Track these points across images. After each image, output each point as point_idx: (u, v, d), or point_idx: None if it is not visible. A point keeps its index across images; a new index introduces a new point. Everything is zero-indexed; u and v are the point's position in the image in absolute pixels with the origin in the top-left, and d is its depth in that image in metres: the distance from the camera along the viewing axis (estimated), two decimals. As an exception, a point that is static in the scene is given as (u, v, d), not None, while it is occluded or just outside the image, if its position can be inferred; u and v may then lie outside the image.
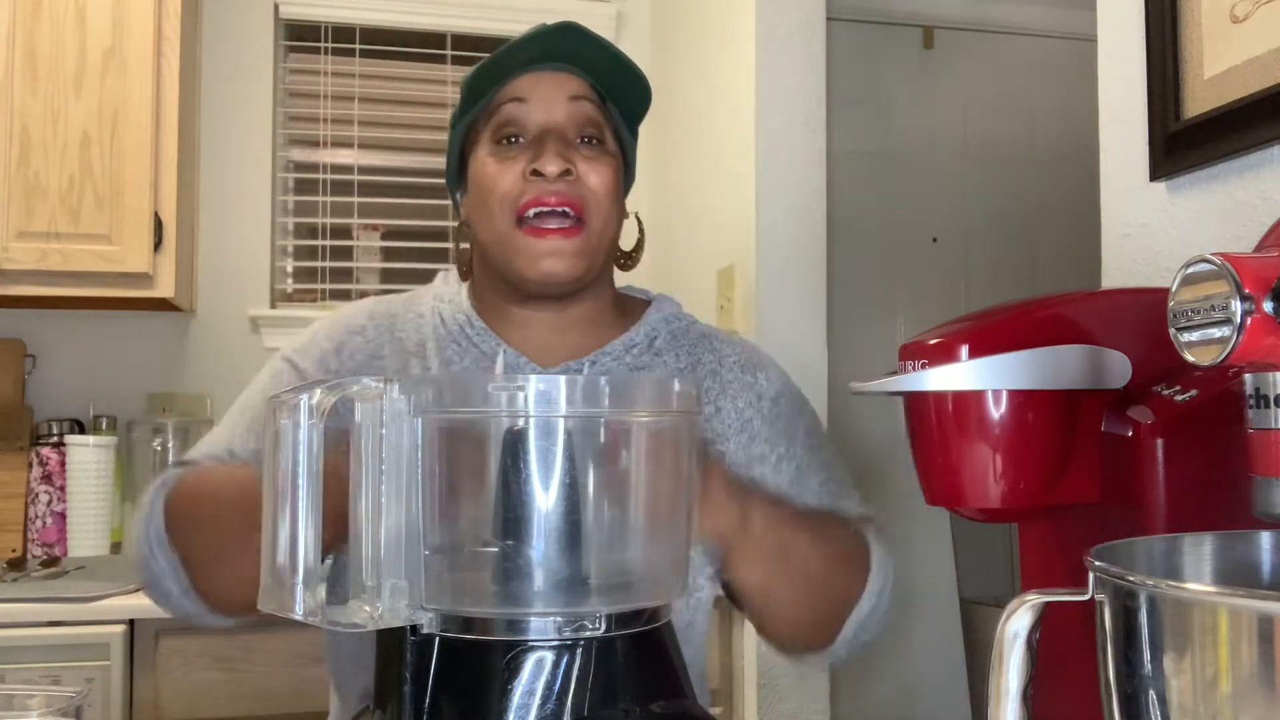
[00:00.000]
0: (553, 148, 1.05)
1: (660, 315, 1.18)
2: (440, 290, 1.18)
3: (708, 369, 1.16)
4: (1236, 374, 0.63)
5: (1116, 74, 1.19)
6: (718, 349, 1.19)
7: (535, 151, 1.05)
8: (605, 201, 1.07)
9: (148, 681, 1.99)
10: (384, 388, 0.66)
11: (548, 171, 1.04)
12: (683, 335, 1.18)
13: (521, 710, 0.65)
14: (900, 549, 2.55)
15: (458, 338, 1.12)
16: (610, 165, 1.08)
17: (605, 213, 1.07)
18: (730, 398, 1.15)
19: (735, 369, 1.17)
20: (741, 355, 1.19)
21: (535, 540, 0.67)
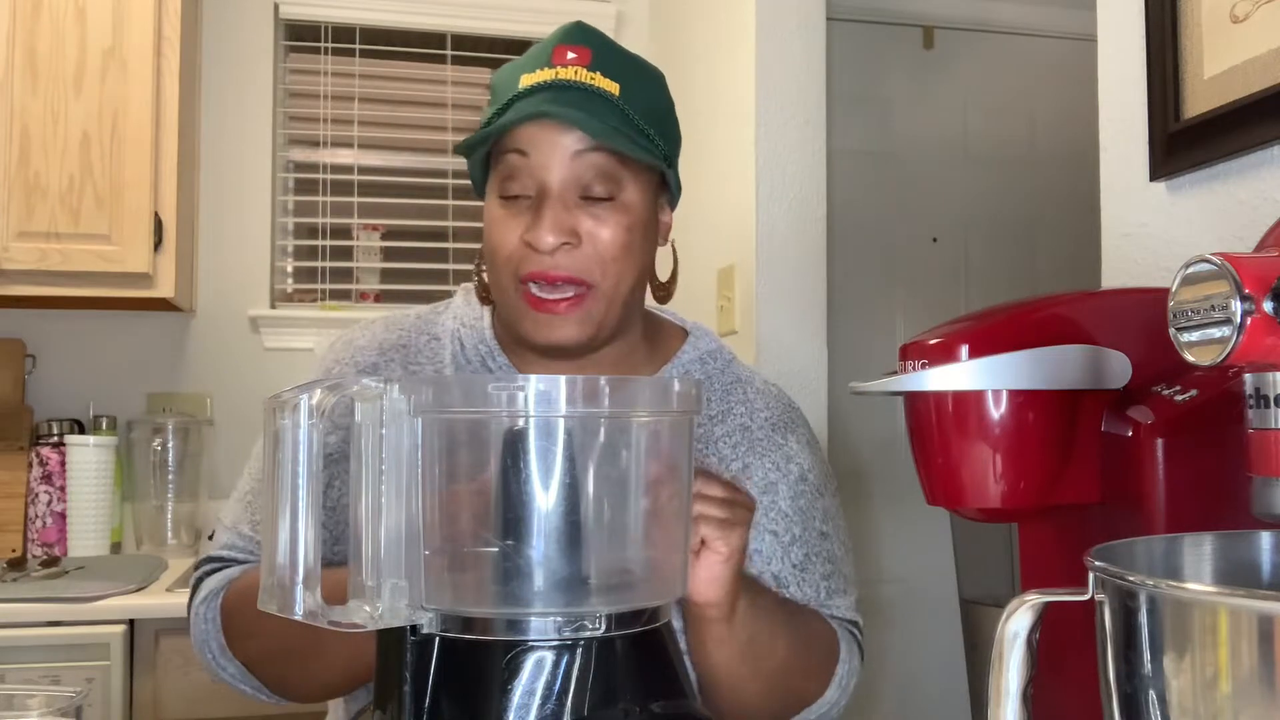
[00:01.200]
0: (548, 217, 0.97)
1: (695, 355, 1.14)
2: (462, 312, 1.13)
3: (738, 422, 1.12)
4: (1236, 374, 0.63)
5: (1116, 74, 1.19)
6: (751, 401, 1.14)
7: (532, 219, 0.99)
8: (616, 261, 1.00)
9: (148, 681, 1.99)
10: (384, 388, 0.66)
11: (541, 245, 0.97)
12: (717, 378, 1.14)
13: (521, 710, 0.65)
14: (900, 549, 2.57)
15: (478, 369, 1.08)
16: (622, 221, 1.00)
17: (617, 272, 1.01)
18: (758, 456, 1.11)
19: (767, 428, 1.13)
20: (774, 413, 1.14)
21: (535, 540, 0.67)
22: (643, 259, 1.05)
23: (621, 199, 1.01)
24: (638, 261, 1.04)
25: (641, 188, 1.03)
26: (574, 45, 1.01)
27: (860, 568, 1.26)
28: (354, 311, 2.79)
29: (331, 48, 2.87)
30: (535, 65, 1.01)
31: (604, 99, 0.99)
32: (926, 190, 2.80)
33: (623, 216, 1.01)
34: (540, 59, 1.02)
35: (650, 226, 1.06)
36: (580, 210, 1.00)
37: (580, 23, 1.05)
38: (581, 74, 1.00)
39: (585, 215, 0.99)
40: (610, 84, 1.00)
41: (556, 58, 1.01)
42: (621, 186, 1.01)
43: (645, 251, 1.05)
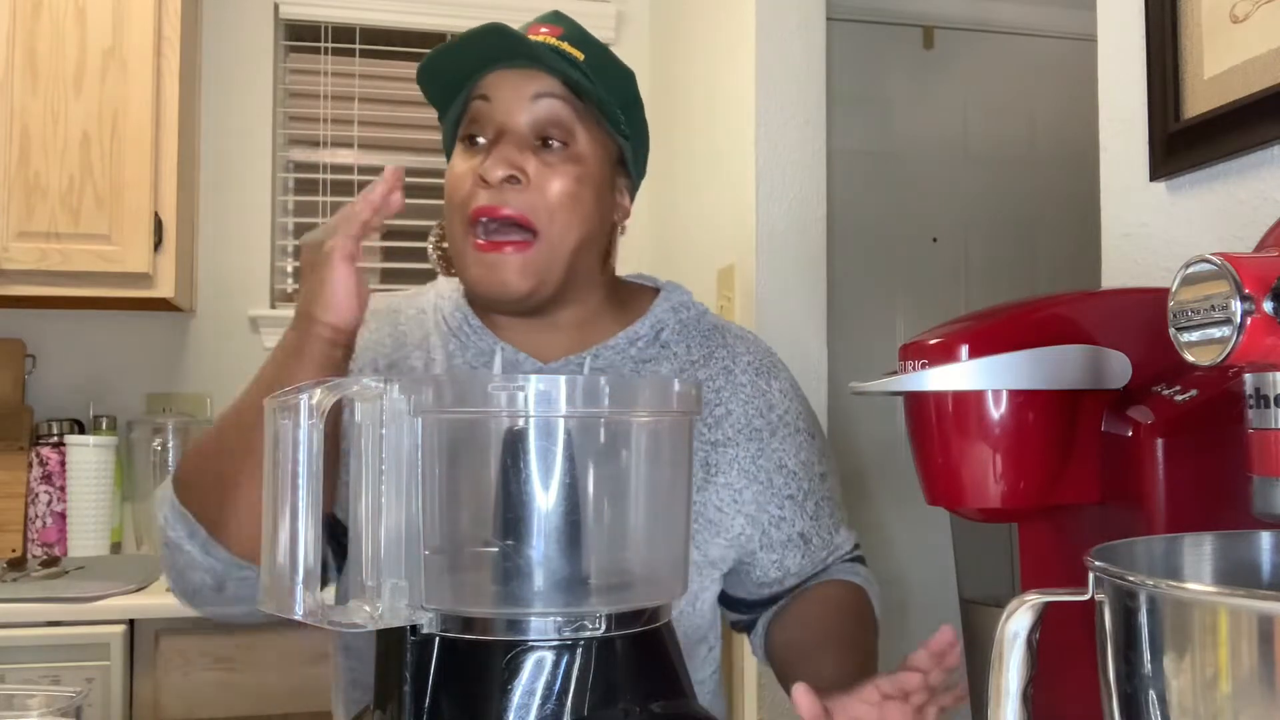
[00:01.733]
0: (500, 152, 1.01)
1: (668, 305, 1.16)
2: (441, 286, 1.17)
3: (720, 365, 1.15)
4: (1236, 374, 0.63)
5: (1116, 74, 1.19)
6: (731, 345, 1.17)
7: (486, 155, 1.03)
8: (562, 209, 1.03)
9: (148, 681, 1.99)
10: (384, 388, 0.66)
11: (491, 176, 1.00)
12: (693, 326, 1.16)
13: (521, 710, 0.65)
14: (900, 549, 2.56)
15: (457, 333, 1.11)
16: (573, 171, 1.04)
17: (563, 221, 1.03)
18: (741, 402, 1.14)
19: (749, 371, 1.16)
20: (756, 358, 1.18)
21: (535, 540, 0.67)
22: (593, 220, 1.07)
23: (574, 149, 1.05)
24: (586, 218, 1.06)
25: (596, 148, 1.07)
26: (547, 23, 1.08)
27: (862, 568, 1.27)
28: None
29: (331, 48, 2.87)
30: None
31: (568, 58, 1.04)
32: (926, 190, 2.80)
33: (573, 166, 1.04)
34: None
35: (603, 190, 1.08)
36: (532, 153, 1.03)
37: (557, 10, 1.11)
38: (549, 40, 1.05)
39: (536, 158, 1.03)
40: (576, 51, 1.05)
41: (533, 31, 1.07)
42: (575, 138, 1.05)
43: (595, 214, 1.07)
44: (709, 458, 1.11)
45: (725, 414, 1.13)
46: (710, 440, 1.11)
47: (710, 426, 1.12)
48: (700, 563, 1.11)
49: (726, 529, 1.11)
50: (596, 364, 1.09)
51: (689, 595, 1.11)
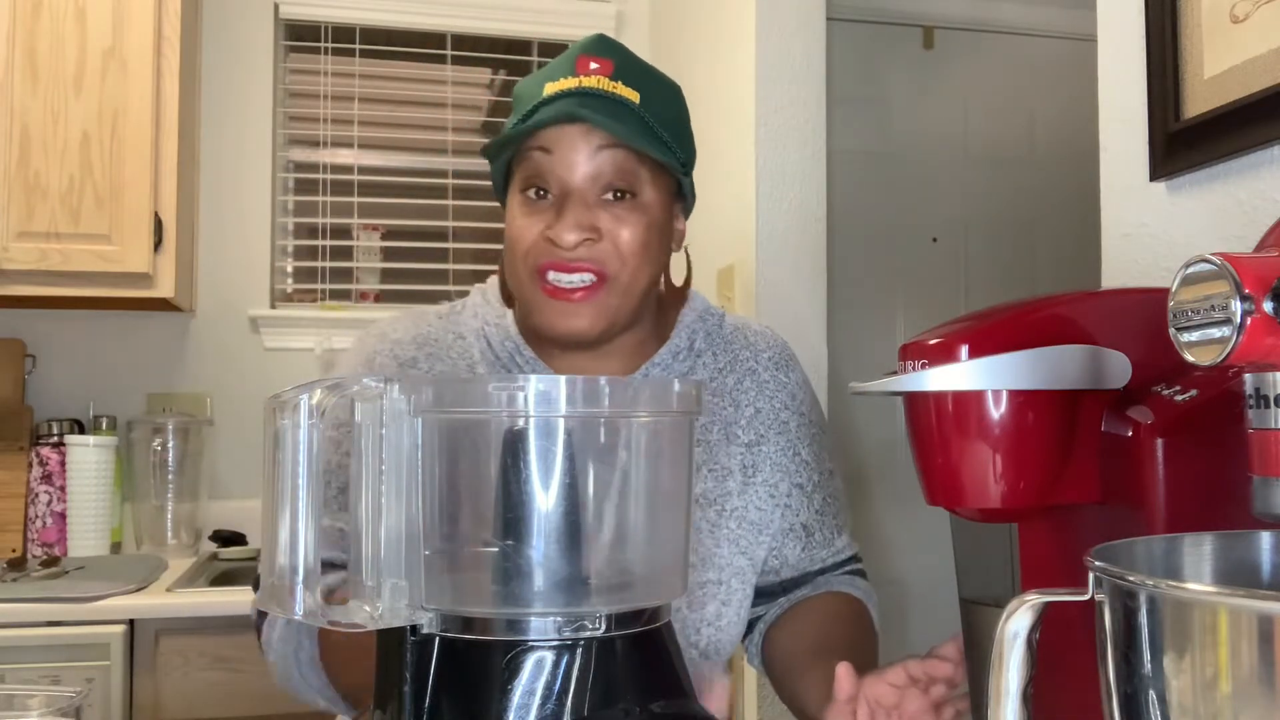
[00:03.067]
0: (570, 215, 1.01)
1: (694, 315, 1.18)
2: (483, 311, 1.15)
3: (746, 368, 1.18)
4: (1236, 374, 0.63)
5: (1116, 74, 1.19)
6: (753, 344, 1.20)
7: (554, 215, 1.02)
8: (634, 257, 1.04)
9: (148, 681, 1.99)
10: (384, 388, 0.66)
11: (564, 242, 1.01)
12: (717, 332, 1.19)
13: (521, 710, 0.65)
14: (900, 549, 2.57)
15: (507, 364, 1.11)
16: (640, 220, 1.04)
17: (633, 269, 1.04)
18: (768, 398, 1.17)
19: (771, 367, 1.19)
20: (775, 352, 1.21)
21: (535, 540, 0.67)
22: (659, 260, 1.09)
23: (640, 199, 1.05)
24: (654, 261, 1.07)
25: (658, 191, 1.07)
26: (596, 56, 1.05)
27: (860, 568, 1.27)
28: (354, 311, 2.79)
29: (331, 48, 2.87)
30: (560, 74, 1.05)
31: (625, 106, 1.03)
32: (926, 190, 2.80)
33: (641, 216, 1.04)
34: (564, 68, 1.05)
35: (666, 230, 1.09)
36: (600, 208, 1.03)
37: (602, 35, 1.09)
38: (604, 82, 1.03)
39: (605, 213, 1.03)
40: (631, 93, 1.04)
41: (580, 67, 1.04)
42: (640, 187, 1.04)
43: (661, 253, 1.09)
44: (745, 460, 1.14)
45: (755, 413, 1.16)
46: (745, 442, 1.14)
47: (744, 429, 1.15)
48: (746, 569, 1.12)
49: (768, 526, 1.14)
50: None
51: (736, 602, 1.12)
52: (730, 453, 1.14)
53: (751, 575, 1.14)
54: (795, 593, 1.18)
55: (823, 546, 1.18)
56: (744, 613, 1.14)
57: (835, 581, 1.20)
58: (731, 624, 1.12)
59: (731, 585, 1.11)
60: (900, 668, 0.89)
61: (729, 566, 1.11)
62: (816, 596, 1.17)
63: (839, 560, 1.21)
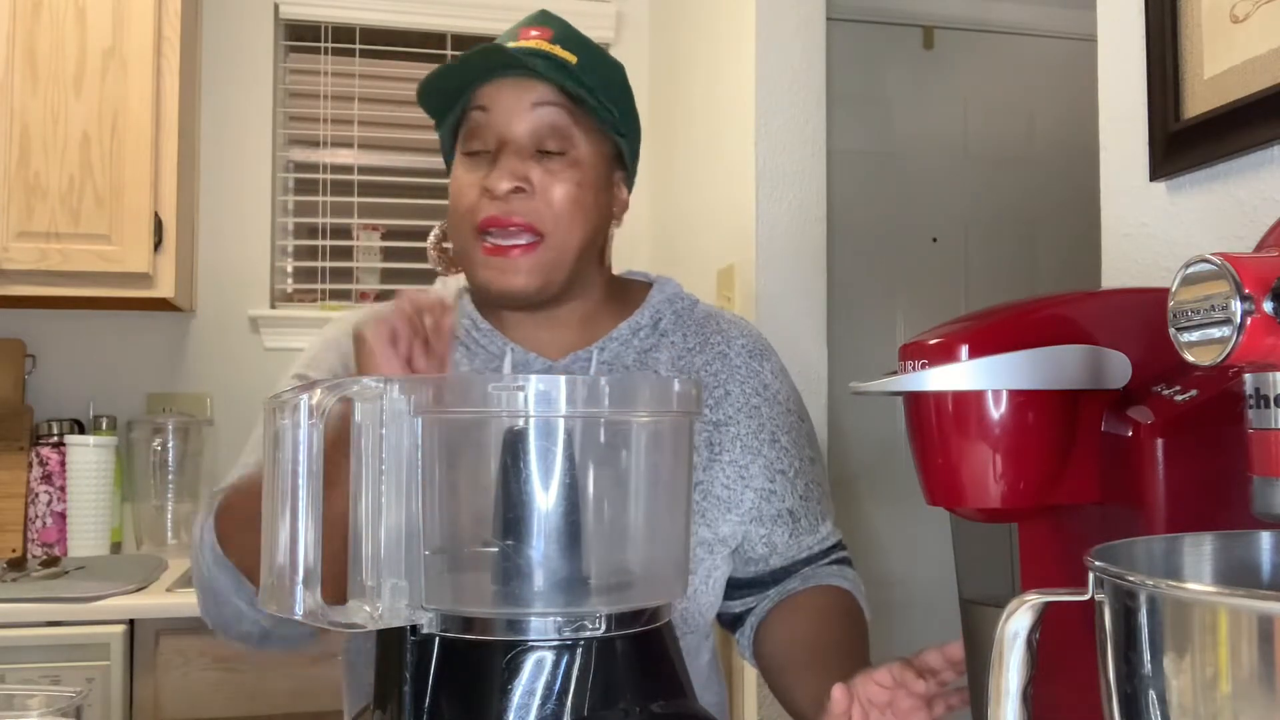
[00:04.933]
0: (504, 164, 1.05)
1: (663, 296, 1.20)
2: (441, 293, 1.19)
3: (716, 350, 1.18)
4: (1236, 374, 0.63)
5: (1116, 74, 1.19)
6: (725, 330, 1.21)
7: (489, 167, 1.06)
8: (566, 214, 1.06)
9: (148, 681, 1.99)
10: (384, 388, 0.66)
11: (497, 189, 1.04)
12: (687, 315, 1.20)
13: (521, 710, 0.65)
14: (900, 549, 2.57)
15: (465, 341, 1.14)
16: (574, 176, 1.07)
17: (567, 224, 1.07)
18: (739, 382, 1.18)
19: (744, 354, 1.20)
20: (749, 341, 1.22)
21: (535, 540, 0.67)
22: (594, 219, 1.10)
23: (573, 154, 1.08)
24: (588, 219, 1.09)
25: (594, 150, 1.10)
26: (537, 25, 1.10)
27: (859, 568, 1.27)
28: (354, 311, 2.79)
29: (331, 48, 2.87)
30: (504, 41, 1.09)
31: (560, 63, 1.07)
32: (926, 190, 2.80)
33: (574, 172, 1.07)
34: (508, 37, 1.10)
35: (602, 190, 1.12)
36: (534, 161, 1.06)
37: (545, 10, 1.14)
38: (542, 45, 1.07)
39: (538, 166, 1.06)
40: (568, 55, 1.08)
41: (523, 35, 1.09)
42: (574, 143, 1.08)
43: (596, 213, 1.11)
44: (712, 438, 1.14)
45: (724, 394, 1.16)
46: (713, 421, 1.15)
47: (711, 408, 1.15)
48: (711, 540, 1.14)
49: (737, 505, 1.14)
50: (603, 356, 1.13)
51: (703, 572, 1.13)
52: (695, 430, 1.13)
53: (720, 549, 1.14)
54: (784, 584, 1.19)
55: (809, 533, 1.19)
56: (714, 584, 1.14)
57: (823, 574, 1.20)
58: (700, 593, 1.13)
59: (697, 554, 1.12)
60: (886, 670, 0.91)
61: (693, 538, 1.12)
62: (805, 592, 1.18)
63: (825, 548, 1.22)
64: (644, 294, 1.20)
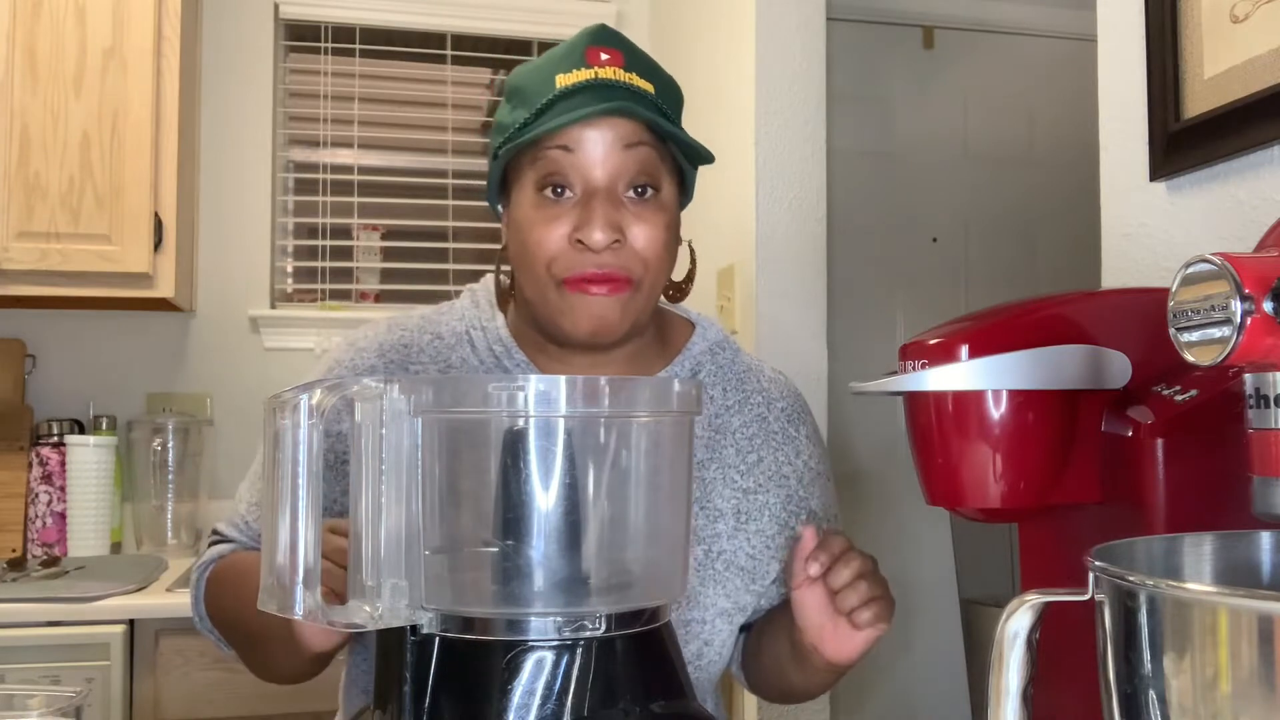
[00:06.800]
0: (600, 214, 0.96)
1: (705, 346, 1.14)
2: (470, 314, 1.12)
3: (755, 413, 1.14)
4: (1236, 374, 0.63)
5: (1116, 74, 1.19)
6: (766, 390, 1.16)
7: (582, 215, 0.97)
8: (657, 259, 1.00)
9: (148, 681, 1.99)
10: (384, 388, 0.66)
11: (594, 243, 0.96)
12: (729, 368, 1.15)
13: (521, 710, 0.65)
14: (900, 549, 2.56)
15: (491, 368, 1.08)
16: (662, 219, 1.00)
17: (656, 270, 1.01)
18: (772, 449, 1.13)
19: (782, 419, 1.15)
20: (788, 404, 1.17)
21: (535, 540, 0.67)
22: (673, 256, 1.05)
23: (661, 196, 1.01)
24: (673, 260, 1.04)
25: (672, 186, 1.04)
26: (606, 47, 1.01)
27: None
28: (354, 311, 2.79)
29: (331, 48, 2.87)
30: (570, 66, 1.00)
31: (645, 97, 0.99)
32: (926, 190, 2.80)
33: (662, 214, 1.01)
34: (573, 60, 1.00)
35: (678, 226, 1.06)
36: (624, 208, 0.99)
37: (605, 25, 1.05)
38: (620, 74, 0.99)
39: (629, 213, 0.99)
40: (646, 84, 1.00)
41: (591, 58, 1.00)
42: (660, 184, 1.01)
43: (674, 252, 1.05)
44: (740, 505, 1.10)
45: (757, 460, 1.12)
46: (743, 487, 1.11)
47: (743, 474, 1.11)
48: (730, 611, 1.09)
49: (763, 576, 1.10)
50: None
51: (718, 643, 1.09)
52: (724, 495, 1.10)
53: (739, 618, 1.10)
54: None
55: None
56: (726, 652, 1.11)
57: None
58: (713, 663, 1.10)
59: (716, 625, 1.08)
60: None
61: (713, 608, 1.08)
62: None
63: None
64: (686, 336, 1.15)
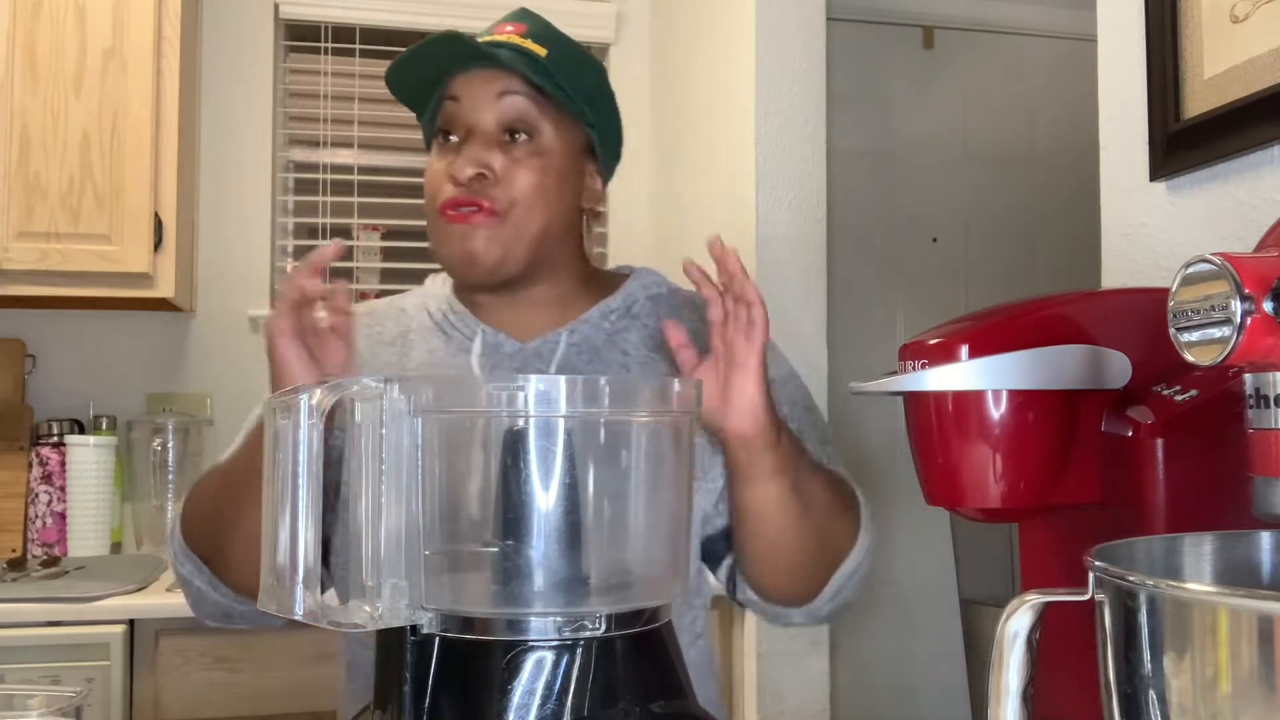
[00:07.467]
0: (468, 152, 1.08)
1: (639, 283, 1.22)
2: (430, 288, 1.23)
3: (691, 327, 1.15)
4: (1236, 374, 0.63)
5: (1116, 74, 1.19)
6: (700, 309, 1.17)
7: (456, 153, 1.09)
8: (526, 197, 1.09)
9: (148, 681, 1.99)
10: (384, 388, 0.66)
11: (460, 175, 1.07)
12: (663, 300, 1.21)
13: (521, 710, 0.65)
14: (900, 549, 2.57)
15: (443, 326, 1.17)
16: (537, 163, 1.10)
17: (526, 206, 1.09)
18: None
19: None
20: None
21: (535, 540, 0.67)
22: (557, 204, 1.12)
23: (539, 142, 1.10)
24: (549, 203, 1.11)
25: (562, 140, 1.12)
26: (513, 21, 1.14)
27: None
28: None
29: (331, 48, 2.87)
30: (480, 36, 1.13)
31: (529, 55, 1.09)
32: (926, 190, 2.80)
33: (537, 159, 1.10)
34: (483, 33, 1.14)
35: (568, 177, 1.13)
36: (499, 149, 1.09)
37: (524, 8, 1.17)
38: (513, 39, 1.11)
39: (502, 153, 1.09)
40: (538, 49, 1.10)
41: (499, 30, 1.13)
42: (540, 131, 1.10)
43: (560, 198, 1.12)
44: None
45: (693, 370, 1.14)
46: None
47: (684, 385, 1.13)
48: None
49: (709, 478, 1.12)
50: (573, 338, 1.14)
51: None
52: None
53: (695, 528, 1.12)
54: None
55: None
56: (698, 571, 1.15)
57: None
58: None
59: None
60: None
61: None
62: None
63: None
64: (621, 282, 1.22)
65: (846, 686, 2.40)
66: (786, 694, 2.05)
